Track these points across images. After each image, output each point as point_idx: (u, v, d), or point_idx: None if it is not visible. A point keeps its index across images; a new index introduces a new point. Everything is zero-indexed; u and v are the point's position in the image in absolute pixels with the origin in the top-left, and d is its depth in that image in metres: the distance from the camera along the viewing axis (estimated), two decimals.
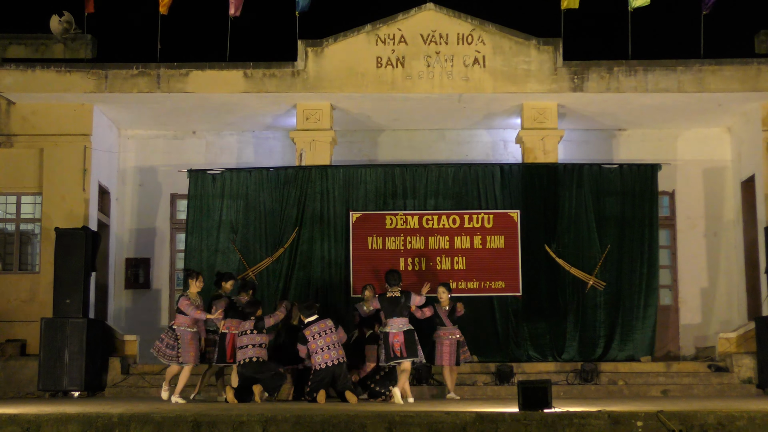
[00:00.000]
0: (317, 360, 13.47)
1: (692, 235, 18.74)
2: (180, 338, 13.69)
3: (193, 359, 13.75)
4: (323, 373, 13.43)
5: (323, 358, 13.43)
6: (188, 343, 13.68)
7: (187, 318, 13.69)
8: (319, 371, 13.44)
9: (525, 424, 10.10)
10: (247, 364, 13.53)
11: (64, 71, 16.90)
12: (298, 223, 16.66)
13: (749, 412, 10.19)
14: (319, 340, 13.58)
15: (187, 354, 13.68)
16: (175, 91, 16.96)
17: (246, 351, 13.57)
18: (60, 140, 17.18)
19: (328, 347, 13.52)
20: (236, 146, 19.03)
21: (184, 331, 13.70)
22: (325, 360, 13.42)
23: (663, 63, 16.95)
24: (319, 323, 13.69)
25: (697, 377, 15.82)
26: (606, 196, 16.80)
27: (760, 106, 17.27)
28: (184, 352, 13.67)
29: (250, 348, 13.59)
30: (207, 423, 10.26)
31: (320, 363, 13.41)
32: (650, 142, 18.89)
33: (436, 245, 16.59)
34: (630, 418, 10.11)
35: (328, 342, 13.63)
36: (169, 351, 13.74)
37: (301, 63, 17.01)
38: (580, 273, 16.37)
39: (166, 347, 13.76)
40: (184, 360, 13.69)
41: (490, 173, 16.85)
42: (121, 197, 18.82)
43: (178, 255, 18.53)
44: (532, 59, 17.04)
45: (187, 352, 13.68)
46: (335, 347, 13.58)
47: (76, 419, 10.42)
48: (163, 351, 13.78)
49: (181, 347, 13.67)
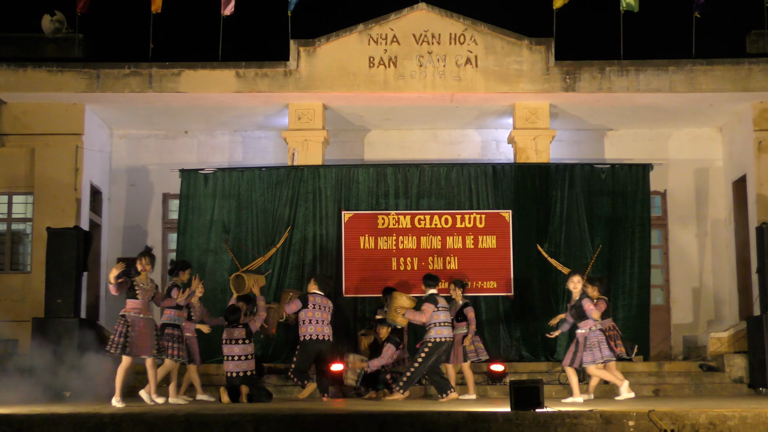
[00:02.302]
0: (309, 330, 13.39)
1: (684, 235, 18.78)
2: (131, 325, 12.29)
3: (148, 350, 12.40)
4: (311, 346, 13.34)
5: (315, 330, 13.42)
6: (141, 332, 12.31)
7: (138, 302, 12.36)
8: (308, 342, 13.34)
9: (517, 424, 10.11)
10: (235, 378, 13.38)
11: (55, 71, 16.86)
12: (290, 223, 16.66)
13: (741, 412, 10.21)
14: (317, 312, 13.61)
15: (137, 344, 12.25)
16: (167, 90, 16.94)
17: (239, 363, 13.40)
18: (51, 140, 17.14)
19: (323, 322, 13.55)
20: (228, 146, 19.01)
21: (135, 318, 12.35)
22: (318, 332, 13.40)
23: (655, 63, 16.99)
24: (323, 299, 13.78)
25: (688, 377, 15.85)
26: (598, 196, 16.82)
27: (751, 106, 17.32)
28: (134, 342, 12.24)
29: (241, 361, 13.42)
30: (199, 423, 10.25)
31: (312, 334, 13.35)
32: (642, 142, 18.93)
33: (429, 245, 16.60)
34: (621, 418, 10.12)
35: (324, 317, 13.65)
36: (119, 340, 12.24)
37: (294, 63, 17.01)
38: None
39: (117, 337, 12.26)
40: (135, 351, 12.27)
41: (482, 173, 16.86)
42: (112, 197, 18.79)
43: (170, 255, 18.48)
44: (524, 59, 17.06)
45: (137, 342, 12.25)
46: (329, 326, 13.59)
47: (68, 419, 10.39)
48: (116, 342, 12.25)
49: (131, 336, 12.25)
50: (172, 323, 13.34)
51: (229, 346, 13.50)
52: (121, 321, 12.30)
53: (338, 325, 16.30)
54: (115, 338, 12.23)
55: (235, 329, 13.52)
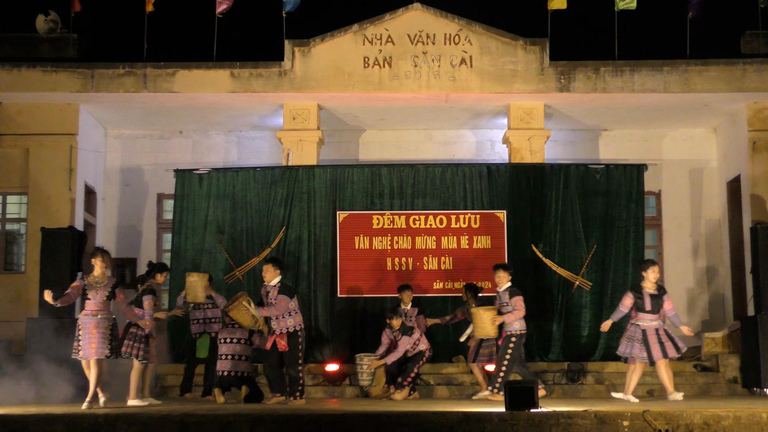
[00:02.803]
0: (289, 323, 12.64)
1: (678, 235, 18.81)
2: (81, 328, 11.97)
3: (95, 352, 11.90)
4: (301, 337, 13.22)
5: (295, 320, 12.68)
6: (90, 333, 11.89)
7: (91, 302, 12.01)
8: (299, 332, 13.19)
9: (512, 424, 10.11)
10: (228, 378, 13.28)
11: (50, 71, 16.85)
12: (285, 223, 16.65)
13: (735, 412, 10.23)
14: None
15: (88, 345, 11.88)
16: (162, 90, 16.93)
17: (237, 363, 13.31)
18: (46, 140, 17.12)
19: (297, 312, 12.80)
20: (223, 146, 19.01)
21: (85, 319, 11.96)
22: (298, 322, 12.70)
23: (649, 63, 17.02)
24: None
25: (683, 377, 15.85)
26: (592, 196, 16.83)
27: (745, 106, 17.36)
28: (84, 343, 11.89)
29: (239, 361, 13.33)
30: (194, 423, 10.23)
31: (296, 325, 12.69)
32: (636, 143, 18.96)
33: (423, 245, 16.60)
34: (616, 418, 10.13)
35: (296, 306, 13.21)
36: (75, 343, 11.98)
37: (288, 63, 17.01)
38: (566, 273, 16.40)
39: (75, 340, 11.98)
40: (85, 353, 11.92)
41: (476, 173, 16.86)
42: (107, 197, 18.78)
43: (164, 255, 18.48)
44: (519, 59, 17.08)
45: (88, 344, 11.87)
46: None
47: (62, 419, 10.38)
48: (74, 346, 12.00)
49: (82, 337, 11.91)
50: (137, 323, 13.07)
51: (228, 345, 13.44)
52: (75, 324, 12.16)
53: (335, 326, 16.37)
54: (74, 343, 12.04)
55: (238, 329, 13.43)
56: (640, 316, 12.91)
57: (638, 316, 12.93)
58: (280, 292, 12.62)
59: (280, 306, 12.59)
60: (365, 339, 16.26)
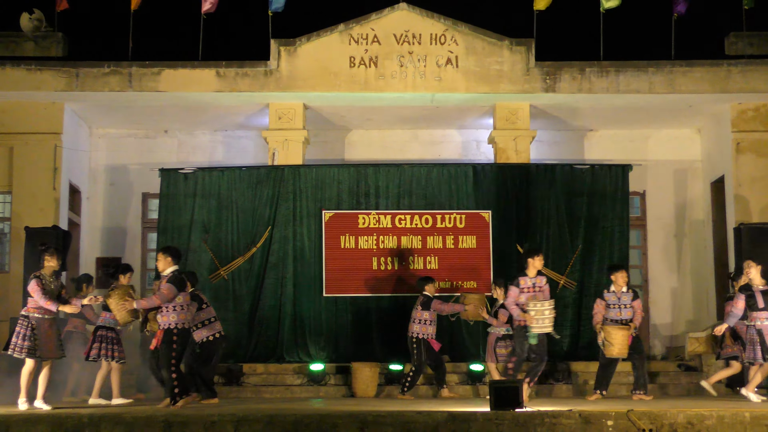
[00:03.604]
0: (171, 319, 11.82)
1: (662, 236, 18.88)
2: (36, 327, 11.78)
3: (55, 351, 11.91)
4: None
5: (179, 317, 11.77)
6: (46, 333, 11.79)
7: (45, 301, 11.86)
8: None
9: (497, 424, 10.14)
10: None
11: (34, 69, 16.77)
12: (270, 223, 16.63)
13: (718, 411, 10.28)
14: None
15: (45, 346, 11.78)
16: (147, 89, 16.87)
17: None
18: (30, 139, 17.04)
19: (186, 310, 11.99)
20: (209, 145, 18.97)
21: (39, 319, 11.84)
22: (182, 320, 11.80)
23: (634, 64, 17.07)
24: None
25: (666, 377, 15.93)
26: (578, 197, 16.87)
27: (729, 107, 17.43)
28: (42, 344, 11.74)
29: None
30: (178, 423, 10.23)
31: (178, 322, 11.76)
32: (621, 143, 19.01)
33: (409, 245, 16.62)
34: (600, 418, 10.17)
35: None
36: (24, 342, 11.72)
37: (274, 62, 16.99)
38: (551, 273, 16.41)
39: (21, 339, 11.73)
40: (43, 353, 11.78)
41: (462, 173, 16.88)
42: (92, 196, 18.71)
43: (149, 254, 18.44)
44: (505, 60, 17.10)
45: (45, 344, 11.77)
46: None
47: (46, 420, 10.36)
48: (20, 345, 11.74)
49: (38, 338, 11.73)
50: (106, 326, 13.16)
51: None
52: (24, 322, 11.82)
53: (321, 325, 16.35)
54: (18, 340, 11.72)
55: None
56: (755, 315, 12.90)
57: (753, 315, 12.92)
58: (168, 281, 11.78)
59: (162, 294, 11.67)
60: (351, 338, 16.28)
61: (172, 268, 11.96)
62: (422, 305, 14.57)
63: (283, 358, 16.15)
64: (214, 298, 16.20)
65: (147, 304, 11.79)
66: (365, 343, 16.21)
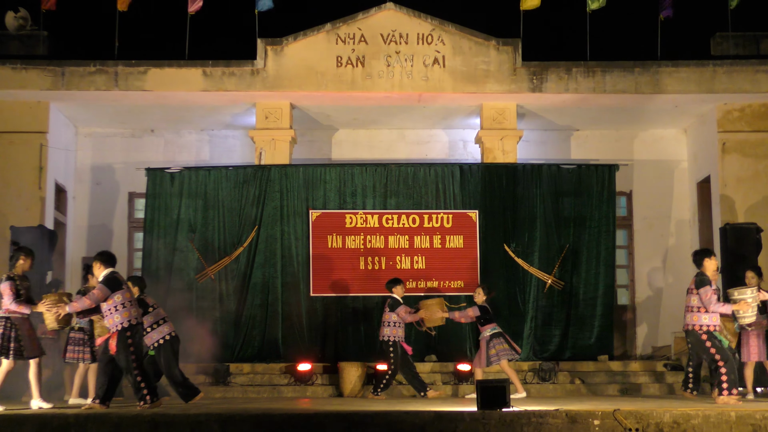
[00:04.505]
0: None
1: (649, 235, 18.93)
2: (18, 327, 11.73)
3: (38, 350, 11.90)
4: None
5: (123, 316, 11.41)
6: (27, 332, 11.76)
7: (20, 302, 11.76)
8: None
9: (483, 423, 10.14)
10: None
11: (20, 68, 16.70)
12: (257, 222, 16.59)
13: (704, 411, 10.31)
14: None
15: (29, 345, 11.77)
16: (133, 89, 16.83)
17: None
18: (15, 138, 16.98)
19: (128, 307, 11.56)
20: (195, 145, 18.93)
21: (19, 319, 11.76)
22: (126, 318, 11.43)
23: (621, 64, 17.11)
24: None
25: (653, 376, 15.98)
26: (564, 196, 16.91)
27: (715, 107, 17.50)
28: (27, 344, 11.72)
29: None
30: (165, 423, 10.19)
31: (123, 321, 11.43)
32: (608, 143, 19.06)
33: (396, 244, 16.62)
34: (587, 417, 10.18)
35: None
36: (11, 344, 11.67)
37: (261, 62, 16.96)
38: (538, 272, 16.47)
39: (7, 341, 11.65)
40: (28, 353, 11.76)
41: (449, 173, 16.89)
42: (77, 196, 18.65)
43: (135, 254, 18.39)
44: (492, 60, 17.12)
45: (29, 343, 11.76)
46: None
47: (32, 420, 10.31)
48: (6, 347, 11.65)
49: (22, 338, 11.69)
50: (75, 327, 13.03)
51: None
52: (6, 324, 11.70)
53: (308, 325, 16.33)
54: (3, 342, 11.63)
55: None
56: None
57: None
58: (100, 282, 11.52)
59: (93, 294, 11.40)
60: (338, 338, 16.27)
61: (106, 271, 11.63)
62: (389, 307, 14.51)
63: (270, 357, 16.13)
64: (200, 297, 16.22)
65: (79, 306, 11.52)
66: (352, 343, 16.22)
